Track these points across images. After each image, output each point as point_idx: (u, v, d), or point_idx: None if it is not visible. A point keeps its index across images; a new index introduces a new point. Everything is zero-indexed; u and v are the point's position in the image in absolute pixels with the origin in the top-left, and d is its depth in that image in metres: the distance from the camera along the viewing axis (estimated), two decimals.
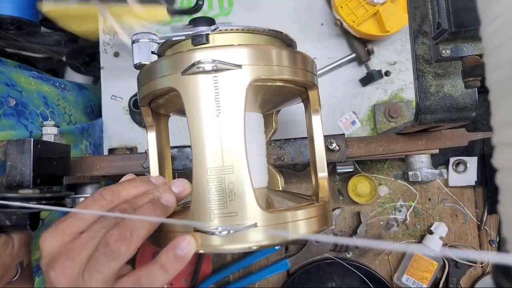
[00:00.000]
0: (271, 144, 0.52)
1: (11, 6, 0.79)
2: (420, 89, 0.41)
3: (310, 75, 0.40)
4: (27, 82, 0.60)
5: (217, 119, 0.35)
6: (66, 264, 0.31)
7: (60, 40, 0.96)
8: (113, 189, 0.36)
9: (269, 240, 0.34)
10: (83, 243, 0.32)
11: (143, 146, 0.72)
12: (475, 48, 0.35)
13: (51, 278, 0.31)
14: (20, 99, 0.56)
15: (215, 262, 0.72)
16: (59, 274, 0.31)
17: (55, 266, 0.31)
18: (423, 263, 0.66)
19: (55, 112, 0.63)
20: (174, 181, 0.37)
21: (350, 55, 0.70)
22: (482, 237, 0.69)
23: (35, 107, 0.58)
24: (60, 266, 0.31)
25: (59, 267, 0.31)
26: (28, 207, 0.37)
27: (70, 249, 0.32)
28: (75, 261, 0.31)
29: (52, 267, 0.31)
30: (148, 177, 0.39)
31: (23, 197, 0.41)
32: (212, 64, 0.34)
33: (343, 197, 0.71)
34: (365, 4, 0.64)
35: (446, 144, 0.50)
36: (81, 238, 0.32)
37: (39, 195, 0.42)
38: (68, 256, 0.31)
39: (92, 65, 1.02)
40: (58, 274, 0.31)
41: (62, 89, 0.70)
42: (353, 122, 0.70)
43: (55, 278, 0.31)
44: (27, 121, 0.56)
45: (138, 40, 0.41)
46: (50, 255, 0.32)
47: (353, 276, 0.68)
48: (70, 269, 0.31)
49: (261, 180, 0.44)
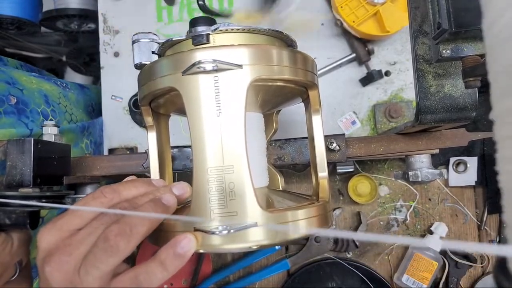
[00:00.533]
0: (271, 144, 0.52)
1: (11, 6, 0.79)
2: (420, 89, 0.41)
3: (310, 75, 0.40)
4: (28, 81, 0.60)
5: (218, 119, 0.35)
6: (62, 260, 0.30)
7: (60, 40, 0.96)
8: (114, 188, 0.36)
9: (269, 240, 0.34)
10: (81, 239, 0.31)
11: (143, 146, 0.72)
12: (476, 48, 0.35)
13: (46, 273, 0.30)
14: (21, 97, 0.56)
15: (215, 262, 0.72)
16: (55, 270, 0.30)
17: (51, 261, 0.30)
18: (423, 263, 0.66)
19: (56, 111, 0.63)
20: (174, 184, 0.37)
21: (350, 55, 0.70)
22: (482, 237, 0.69)
23: (36, 106, 0.58)
24: (56, 261, 0.30)
25: (55, 262, 0.30)
26: (28, 205, 0.37)
27: (68, 244, 0.31)
28: (71, 257, 0.30)
29: (48, 262, 0.31)
30: (150, 179, 0.39)
31: (23, 195, 0.40)
32: (212, 64, 0.34)
33: (343, 197, 0.71)
34: (365, 4, 0.64)
35: (446, 144, 0.50)
36: (79, 234, 0.32)
37: (39, 193, 0.42)
38: (65, 251, 0.31)
39: (92, 65, 1.02)
40: (53, 269, 0.30)
41: (64, 87, 0.70)
42: (353, 122, 0.70)
43: (50, 273, 0.30)
44: (27, 119, 0.56)
45: (139, 40, 0.41)
46: (47, 250, 0.32)
47: (353, 276, 0.68)
48: (66, 264, 0.30)
49: (262, 180, 0.44)
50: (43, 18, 0.84)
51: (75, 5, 0.81)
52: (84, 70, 1.02)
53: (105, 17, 0.75)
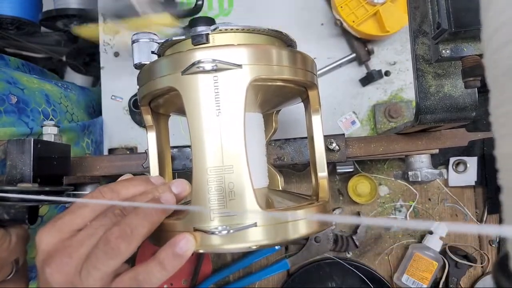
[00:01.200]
0: (271, 144, 0.52)
1: (11, 6, 0.79)
2: (420, 89, 0.41)
3: (310, 75, 0.40)
4: (29, 81, 0.61)
5: (217, 119, 0.35)
6: (63, 261, 0.30)
7: (60, 40, 0.96)
8: (112, 187, 0.36)
9: (269, 240, 0.34)
10: (81, 240, 0.31)
11: (143, 146, 0.72)
12: (475, 48, 0.35)
13: (47, 274, 0.30)
14: (21, 96, 0.56)
15: (215, 262, 0.72)
16: (55, 271, 0.30)
17: (52, 262, 0.30)
18: (423, 263, 0.66)
19: (56, 110, 0.63)
20: (173, 182, 0.37)
21: (350, 55, 0.70)
22: (482, 237, 0.69)
23: (37, 105, 0.59)
24: (56, 263, 0.30)
25: (55, 264, 0.30)
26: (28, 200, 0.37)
27: (68, 246, 0.31)
28: (72, 258, 0.30)
29: (48, 263, 0.31)
30: (148, 177, 0.39)
31: (22, 190, 0.40)
32: (212, 64, 0.34)
33: (343, 197, 0.71)
34: (365, 4, 0.64)
35: (446, 144, 0.50)
36: (80, 235, 0.32)
37: (38, 188, 0.42)
38: (66, 252, 0.31)
39: (92, 65, 1.02)
40: (54, 271, 0.30)
41: (65, 88, 0.71)
42: (353, 122, 0.70)
43: (50, 274, 0.30)
44: (28, 118, 0.56)
45: (138, 40, 0.42)
46: (46, 251, 0.32)
47: (353, 276, 0.68)
48: (67, 266, 0.30)
49: (261, 180, 0.44)
50: (43, 18, 0.84)
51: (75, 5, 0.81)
52: (84, 70, 1.02)
53: (105, 17, 0.75)
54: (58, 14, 0.82)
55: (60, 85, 0.70)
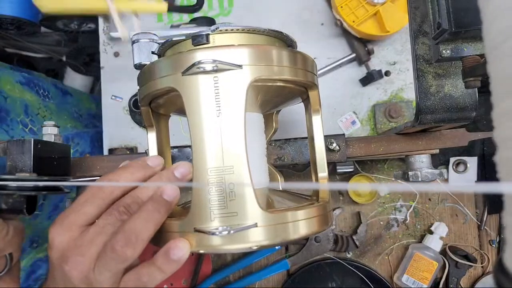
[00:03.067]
0: (271, 144, 0.52)
1: (11, 6, 0.79)
2: (420, 89, 0.41)
3: (310, 75, 0.40)
4: (12, 90, 0.62)
5: (218, 119, 0.35)
6: (77, 260, 0.33)
7: (60, 40, 0.96)
8: (110, 178, 0.36)
9: (269, 240, 0.34)
10: (90, 239, 0.33)
11: (143, 146, 0.72)
12: (475, 48, 0.35)
13: (66, 271, 0.33)
14: (4, 106, 0.58)
15: (215, 262, 0.72)
16: (73, 268, 0.33)
17: (68, 260, 0.33)
18: (423, 263, 0.66)
19: (34, 121, 0.65)
20: (176, 166, 0.37)
21: (350, 55, 0.70)
22: (482, 237, 0.69)
23: (16, 115, 0.61)
24: (72, 261, 0.33)
25: (71, 262, 0.33)
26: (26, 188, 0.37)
27: (79, 245, 0.33)
28: (85, 257, 0.33)
29: (66, 261, 0.33)
30: (145, 159, 0.39)
31: (20, 179, 0.40)
32: (212, 64, 0.34)
33: (343, 197, 0.71)
34: (365, 4, 0.64)
35: (446, 144, 0.50)
36: (89, 234, 0.34)
37: (37, 177, 0.42)
38: (78, 252, 0.33)
39: (92, 65, 1.02)
40: (71, 268, 0.33)
41: (44, 97, 0.72)
42: (353, 122, 0.70)
43: (69, 271, 0.33)
44: (8, 127, 0.57)
45: (138, 40, 0.41)
46: (60, 250, 0.34)
47: (353, 276, 0.68)
48: (81, 264, 0.33)
49: (262, 180, 0.44)
50: (43, 18, 0.84)
51: None
52: (84, 70, 1.02)
53: (105, 17, 0.75)
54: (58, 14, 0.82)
55: (40, 93, 0.71)
